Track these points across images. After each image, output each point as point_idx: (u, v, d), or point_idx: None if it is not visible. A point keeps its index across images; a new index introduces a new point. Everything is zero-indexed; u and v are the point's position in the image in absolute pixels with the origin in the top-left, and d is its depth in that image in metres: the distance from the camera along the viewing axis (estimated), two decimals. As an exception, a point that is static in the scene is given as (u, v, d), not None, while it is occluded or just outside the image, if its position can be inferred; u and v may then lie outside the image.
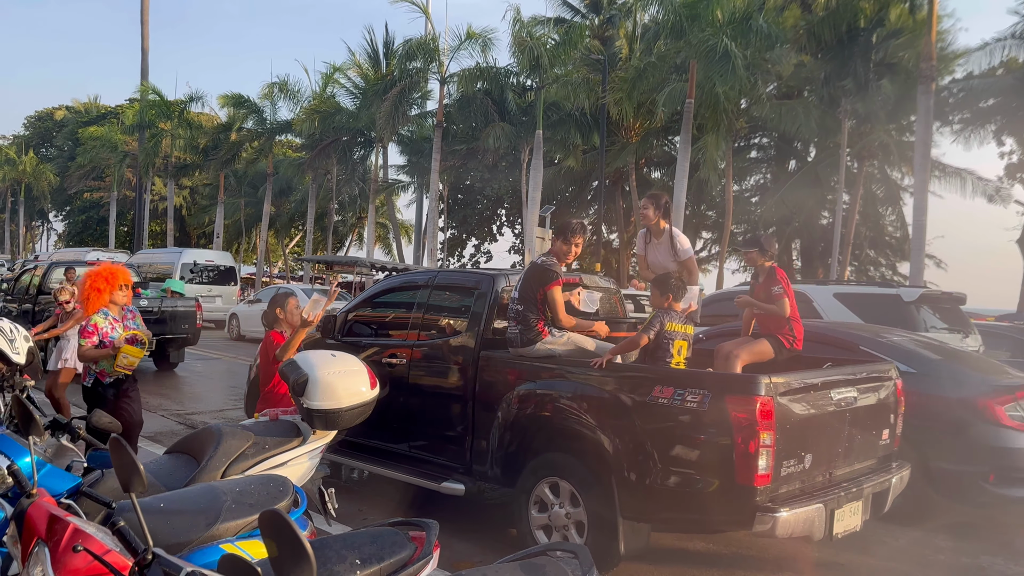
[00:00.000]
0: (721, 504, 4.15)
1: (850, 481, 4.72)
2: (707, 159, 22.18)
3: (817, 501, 4.31)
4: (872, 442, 5.02)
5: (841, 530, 4.49)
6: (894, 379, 5.27)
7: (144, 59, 38.58)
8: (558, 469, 4.82)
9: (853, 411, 4.77)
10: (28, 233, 67.33)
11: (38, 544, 2.28)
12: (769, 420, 4.05)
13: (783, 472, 4.20)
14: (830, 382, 4.68)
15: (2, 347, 4.17)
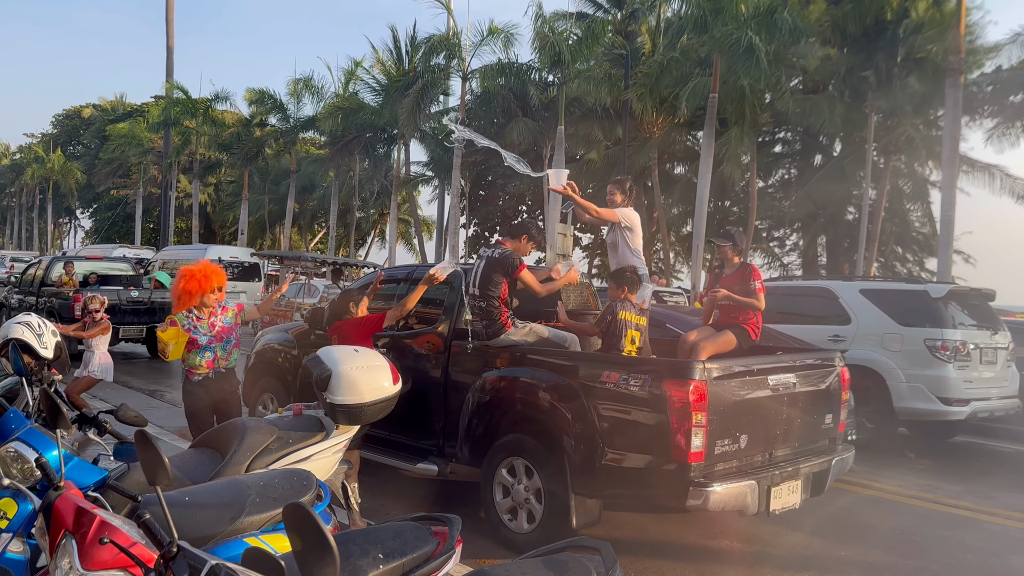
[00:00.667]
0: (659, 480, 4.47)
1: (789, 461, 5.02)
2: (731, 154, 21.98)
3: (750, 478, 4.61)
4: (814, 425, 5.32)
5: (779, 507, 4.81)
6: (838, 367, 5.53)
7: (169, 57, 38.96)
8: (519, 450, 5.14)
9: (792, 396, 5.08)
10: (56, 230, 68.35)
11: (65, 536, 2.30)
12: (702, 402, 4.40)
13: (717, 451, 4.54)
14: (767, 368, 4.98)
15: (30, 342, 4.22)
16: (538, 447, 5.02)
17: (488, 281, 5.49)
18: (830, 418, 5.45)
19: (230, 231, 46.30)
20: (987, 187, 23.20)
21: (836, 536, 5.63)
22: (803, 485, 5.05)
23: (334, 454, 4.40)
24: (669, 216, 29.67)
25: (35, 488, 2.82)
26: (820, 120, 21.67)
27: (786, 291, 10.56)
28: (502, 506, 5.20)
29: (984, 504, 6.66)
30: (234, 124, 37.45)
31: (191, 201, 41.70)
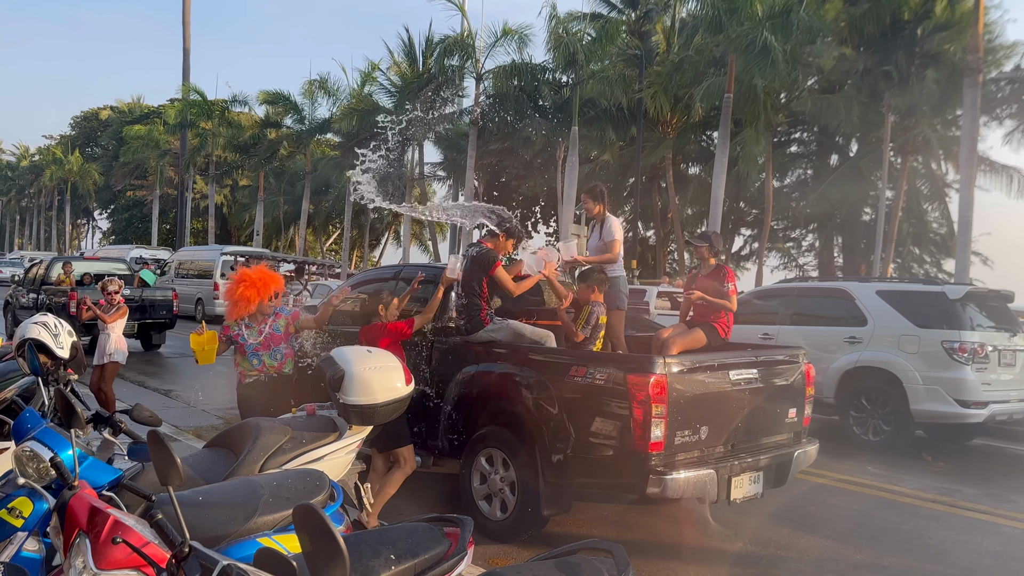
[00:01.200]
0: (622, 469, 4.67)
1: (750, 453, 5.20)
2: (746, 154, 21.87)
3: (709, 468, 4.79)
4: (777, 419, 5.51)
5: (740, 496, 5.02)
6: (801, 363, 5.70)
7: (186, 59, 39.27)
8: (495, 441, 5.37)
9: (753, 390, 5.25)
10: (74, 231, 69.02)
11: (79, 535, 2.31)
12: (662, 395, 4.59)
13: (677, 441, 4.73)
14: (728, 363, 5.19)
15: (46, 342, 4.25)
16: (512, 438, 5.23)
17: (469, 279, 5.66)
18: (794, 412, 5.62)
19: (246, 232, 46.56)
20: (1005, 189, 23.00)
21: (852, 540, 5.58)
22: (765, 476, 5.24)
23: (347, 454, 4.40)
24: (683, 216, 29.56)
25: (50, 487, 2.83)
26: (836, 120, 21.52)
27: (802, 292, 10.50)
28: (478, 493, 5.42)
29: (1003, 508, 6.58)
30: (250, 126, 37.68)
31: (207, 202, 41.96)
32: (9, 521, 2.86)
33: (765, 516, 6.06)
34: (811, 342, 9.52)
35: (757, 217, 29.59)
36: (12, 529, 2.86)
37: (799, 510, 6.32)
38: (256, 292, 5.38)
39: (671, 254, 32.49)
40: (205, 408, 9.69)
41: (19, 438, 3.03)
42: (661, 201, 29.65)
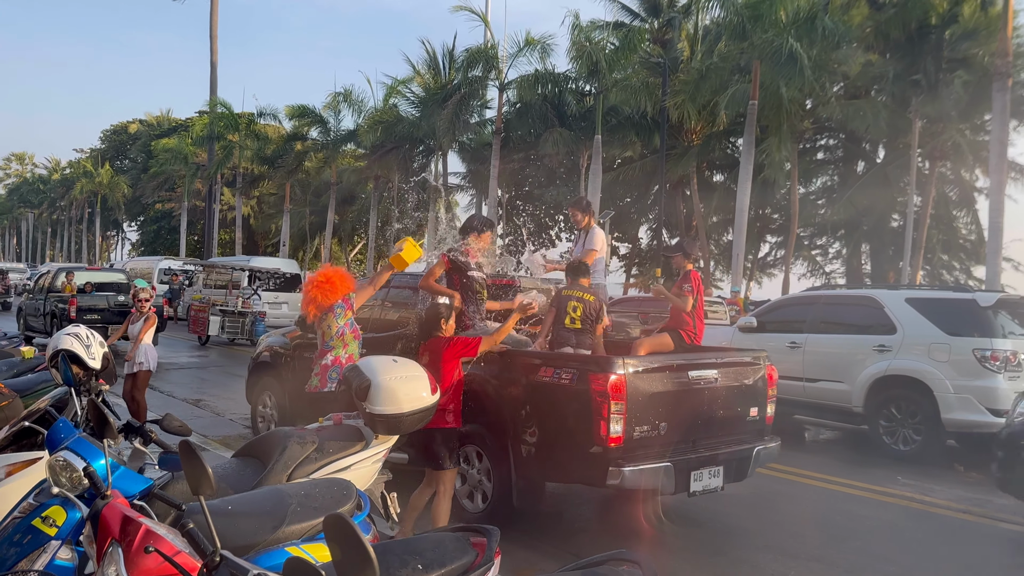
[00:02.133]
0: (586, 462, 4.96)
1: (710, 448, 5.48)
2: (771, 161, 21.73)
3: (666, 461, 5.10)
4: (738, 417, 5.79)
5: (699, 488, 5.36)
6: (763, 365, 5.99)
7: (213, 73, 39.80)
8: (474, 439, 5.64)
9: (713, 390, 5.57)
10: (104, 243, 70.10)
11: (112, 544, 2.34)
12: (620, 393, 4.90)
13: (636, 436, 5.02)
14: (686, 364, 5.53)
15: (79, 352, 4.32)
16: (488, 435, 5.56)
17: (452, 284, 6.03)
18: (756, 411, 5.90)
19: (272, 242, 47.01)
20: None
21: (886, 550, 5.51)
22: (725, 470, 5.54)
23: (373, 464, 4.42)
24: (708, 224, 29.40)
25: (83, 496, 2.88)
26: (863, 126, 21.33)
27: (829, 300, 10.39)
28: (461, 492, 5.70)
29: (1038, 519, 6.45)
30: (276, 138, 38.08)
31: (234, 213, 42.43)
32: (43, 530, 2.91)
33: (793, 526, 6.00)
34: (839, 351, 9.43)
35: (783, 224, 29.36)
36: (46, 537, 2.90)
37: (829, 520, 6.24)
38: (325, 296, 5.34)
39: (696, 262, 32.32)
40: (232, 418, 9.77)
41: (53, 448, 3.08)
42: (686, 208, 29.51)
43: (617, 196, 30.76)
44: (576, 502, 6.71)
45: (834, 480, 7.59)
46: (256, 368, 8.23)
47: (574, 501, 6.73)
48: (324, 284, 5.39)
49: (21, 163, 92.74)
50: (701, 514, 6.24)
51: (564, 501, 6.71)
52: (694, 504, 6.16)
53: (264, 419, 8.07)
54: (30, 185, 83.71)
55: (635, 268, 37.18)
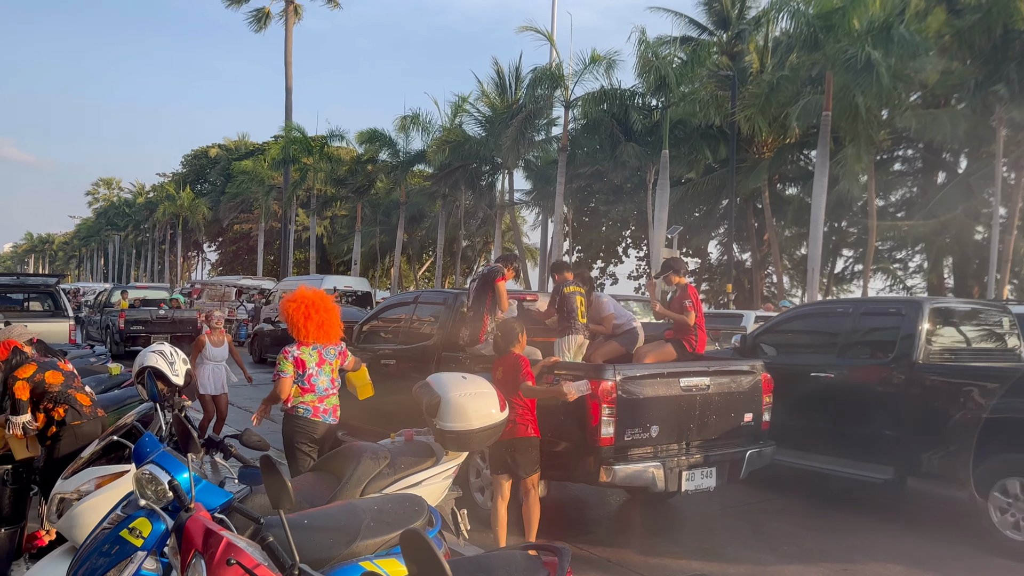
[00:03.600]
0: (582, 461, 5.40)
1: (702, 450, 5.90)
2: (847, 173, 21.15)
3: (656, 461, 5.57)
4: (732, 422, 6.15)
5: (692, 488, 5.79)
6: (759, 373, 6.35)
7: (288, 98, 41.05)
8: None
9: (706, 396, 5.95)
10: (185, 263, 72.74)
11: (195, 556, 2.41)
12: (611, 398, 5.36)
13: (627, 437, 5.49)
14: (678, 372, 5.91)
15: (163, 370, 4.49)
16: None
17: (478, 295, 6.59)
18: (750, 416, 6.25)
19: (344, 261, 48.02)
20: None
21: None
22: (718, 471, 5.96)
23: (444, 480, 4.45)
24: (781, 239, 28.76)
25: (167, 509, 2.97)
26: (942, 135, 20.58)
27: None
28: (473, 486, 6.25)
29: None
30: (348, 160, 38.98)
31: (309, 234, 43.54)
32: (130, 540, 3.01)
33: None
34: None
35: (860, 237, 28.49)
36: (132, 548, 3.01)
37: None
38: (304, 319, 5.25)
39: (768, 277, 31.61)
40: None
41: (139, 461, 3.20)
42: (757, 222, 28.94)
43: (685, 210, 30.38)
44: (594, 501, 6.68)
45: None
46: None
47: (589, 499, 6.70)
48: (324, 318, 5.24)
49: (108, 188, 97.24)
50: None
51: (574, 498, 6.92)
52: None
53: None
54: (116, 208, 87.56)
55: (704, 283, 36.59)
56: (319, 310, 5.23)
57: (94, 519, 3.38)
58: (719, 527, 6.48)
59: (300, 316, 5.19)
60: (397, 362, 7.36)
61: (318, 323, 5.20)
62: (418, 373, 6.70)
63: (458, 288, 8.50)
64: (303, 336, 5.20)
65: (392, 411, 7.06)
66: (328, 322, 5.28)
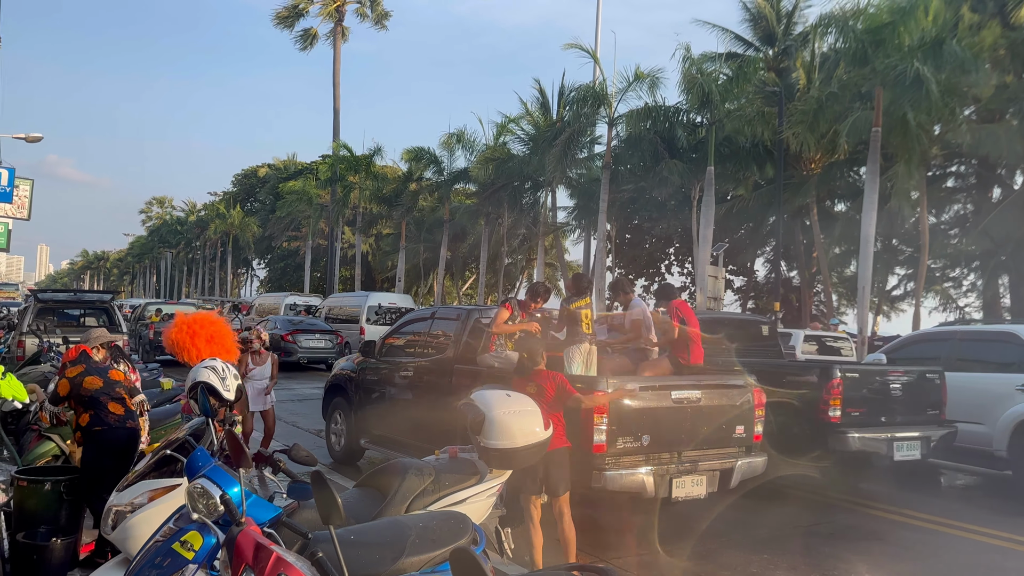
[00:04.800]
0: (579, 466, 5.54)
1: (692, 460, 6.20)
2: (898, 190, 20.74)
3: (646, 468, 5.89)
4: (724, 433, 6.43)
5: (682, 495, 6.13)
6: (750, 387, 6.63)
7: (336, 118, 41.86)
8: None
9: (696, 408, 6.25)
10: (235, 279, 74.19)
11: (246, 570, 2.45)
12: (603, 409, 5.68)
13: (619, 445, 5.81)
14: (669, 385, 6.25)
15: (215, 385, 4.58)
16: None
17: (494, 315, 7.20)
18: (742, 429, 6.54)
19: (388, 278, 48.52)
20: None
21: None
22: (708, 480, 6.27)
23: (488, 498, 4.45)
24: (830, 257, 28.24)
25: (218, 522, 3.02)
26: (997, 151, 20.08)
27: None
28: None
29: None
30: (393, 179, 39.49)
31: (354, 251, 44.12)
32: (181, 553, 3.07)
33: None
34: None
35: (912, 256, 27.86)
36: (184, 561, 3.06)
37: (973, 574, 5.80)
38: (189, 338, 5.31)
39: (817, 296, 31.06)
40: (377, 457, 10.03)
41: (191, 475, 3.26)
42: (805, 239, 28.48)
43: (731, 228, 30.05)
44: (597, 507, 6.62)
45: (975, 529, 7.07)
46: (329, 390, 9.55)
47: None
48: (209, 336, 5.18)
49: (161, 206, 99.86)
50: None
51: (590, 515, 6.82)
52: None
53: (336, 434, 9.29)
54: (169, 226, 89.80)
55: (751, 302, 36.08)
56: (203, 325, 5.12)
57: (147, 531, 3.45)
58: (767, 549, 6.37)
59: (185, 337, 5.09)
60: (415, 374, 7.93)
61: (207, 338, 5.08)
62: (435, 383, 7.44)
63: (465, 306, 9.43)
64: (194, 356, 5.07)
65: (409, 417, 7.72)
66: (218, 335, 5.14)
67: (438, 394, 7.28)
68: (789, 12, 28.59)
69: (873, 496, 8.34)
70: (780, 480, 8.90)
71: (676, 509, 7.41)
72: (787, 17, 28.68)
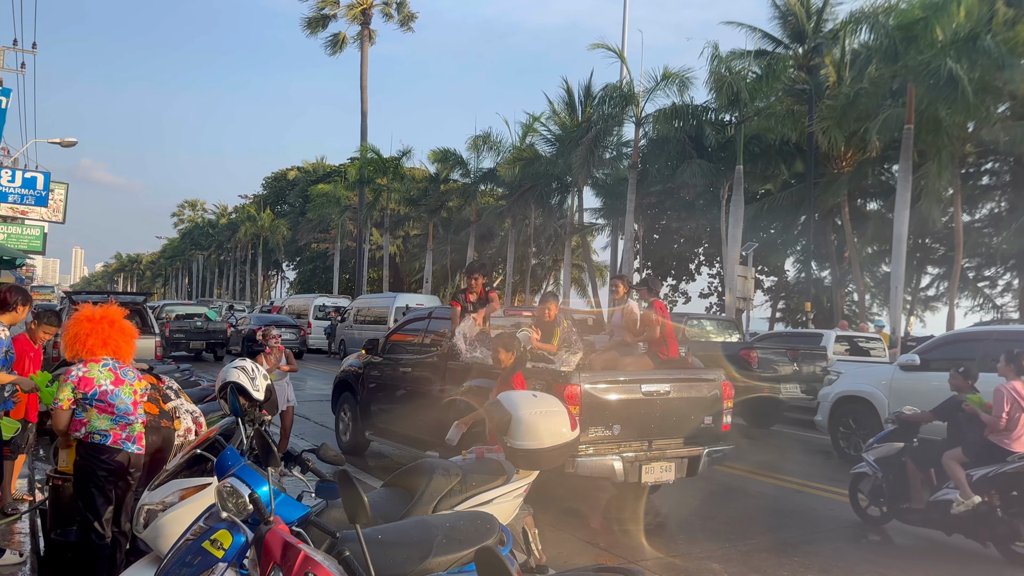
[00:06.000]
0: None
1: (661, 448, 6.71)
2: (930, 188, 20.41)
3: (616, 455, 6.35)
4: (693, 424, 6.92)
5: (651, 480, 6.65)
6: (719, 381, 7.16)
7: (363, 121, 42.09)
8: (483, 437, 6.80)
9: (666, 400, 6.73)
10: (265, 281, 74.99)
11: (274, 569, 2.47)
12: (576, 400, 6.13)
13: (591, 434, 6.28)
14: (639, 379, 6.75)
15: (245, 385, 4.62)
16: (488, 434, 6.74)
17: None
18: (710, 420, 7.02)
19: (416, 279, 48.74)
20: None
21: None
22: (676, 467, 6.78)
23: (515, 498, 4.44)
24: (862, 256, 27.86)
25: (247, 521, 3.04)
26: (1034, 147, 19.68)
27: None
28: None
29: None
30: (421, 180, 39.64)
31: (382, 252, 44.39)
32: (211, 552, 3.09)
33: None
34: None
35: (946, 255, 27.41)
36: (214, 559, 3.08)
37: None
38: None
39: (849, 296, 30.66)
40: (381, 449, 10.11)
41: (221, 474, 3.29)
42: (837, 239, 28.13)
43: (760, 227, 29.74)
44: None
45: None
46: (337, 386, 10.11)
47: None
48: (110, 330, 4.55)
49: (193, 209, 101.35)
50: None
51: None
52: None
53: (344, 423, 9.85)
54: (200, 229, 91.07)
55: (781, 302, 35.70)
56: (104, 322, 4.57)
57: (178, 530, 3.49)
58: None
59: (83, 332, 4.52)
60: (412, 370, 8.46)
61: (102, 338, 4.54)
62: (428, 379, 7.97)
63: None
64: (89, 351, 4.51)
65: (406, 411, 8.18)
66: (119, 334, 4.60)
67: (432, 389, 7.76)
68: (819, 9, 28.27)
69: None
70: (809, 482, 8.81)
71: (704, 511, 7.38)
72: (817, 14, 28.36)
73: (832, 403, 10.78)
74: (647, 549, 6.14)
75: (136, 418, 4.54)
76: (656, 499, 7.71)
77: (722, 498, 8.06)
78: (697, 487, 8.05)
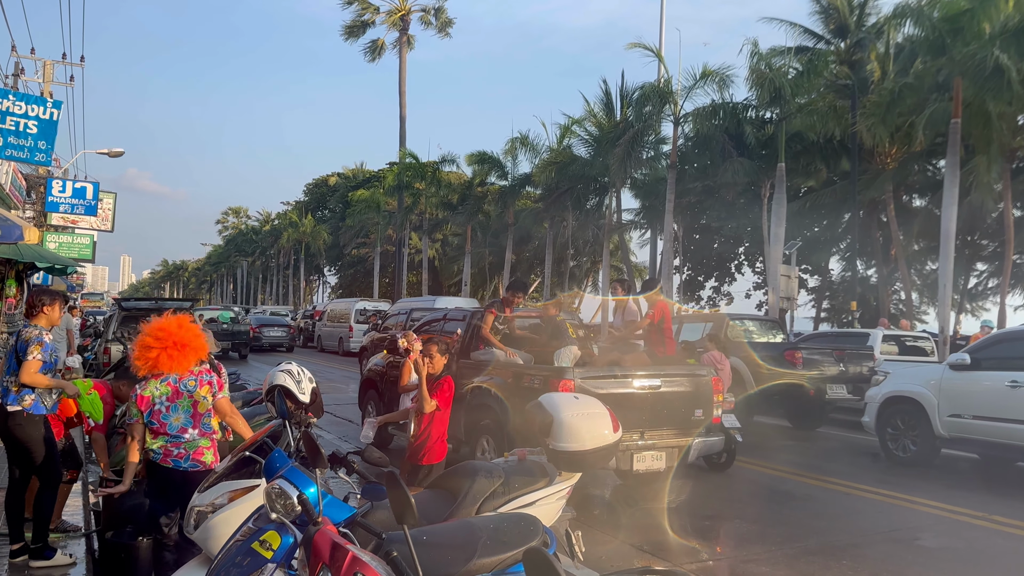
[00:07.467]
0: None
1: (653, 438, 7.20)
2: (979, 183, 19.90)
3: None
4: (683, 416, 7.41)
5: (642, 468, 7.11)
6: (708, 377, 7.69)
7: (402, 126, 42.44)
8: (486, 429, 7.65)
9: (656, 394, 7.26)
10: (307, 286, 75.96)
11: (323, 569, 2.51)
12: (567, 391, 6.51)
13: None
14: (630, 374, 7.28)
15: (291, 388, 4.69)
16: (494, 425, 7.52)
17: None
18: (700, 412, 7.47)
19: (454, 282, 48.97)
20: None
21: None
22: (667, 456, 7.24)
23: (557, 500, 4.44)
24: (909, 253, 27.27)
25: (296, 522, 3.09)
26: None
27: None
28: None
29: None
30: (459, 184, 39.82)
31: (421, 256, 44.68)
32: (260, 553, 3.15)
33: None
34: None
35: (996, 251, 26.70)
36: (263, 560, 3.14)
37: None
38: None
39: (896, 294, 30.03)
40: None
41: (269, 476, 3.35)
42: (882, 236, 27.57)
43: (803, 225, 29.28)
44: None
45: (1001, 520, 6.75)
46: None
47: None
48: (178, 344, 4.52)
49: (237, 216, 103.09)
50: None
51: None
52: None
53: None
54: (244, 235, 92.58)
55: (826, 301, 35.10)
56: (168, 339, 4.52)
57: (227, 531, 3.55)
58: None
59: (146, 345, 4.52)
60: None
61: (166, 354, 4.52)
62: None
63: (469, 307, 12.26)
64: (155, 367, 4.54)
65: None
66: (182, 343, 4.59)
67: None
68: (862, 3, 27.78)
69: (961, 501, 8.01)
70: (857, 485, 8.65)
71: (749, 513, 7.29)
72: (859, 8, 27.88)
73: (880, 404, 10.57)
74: (691, 551, 6.09)
75: (191, 435, 4.49)
76: (700, 501, 7.65)
77: (767, 500, 7.96)
78: (741, 489, 7.97)
